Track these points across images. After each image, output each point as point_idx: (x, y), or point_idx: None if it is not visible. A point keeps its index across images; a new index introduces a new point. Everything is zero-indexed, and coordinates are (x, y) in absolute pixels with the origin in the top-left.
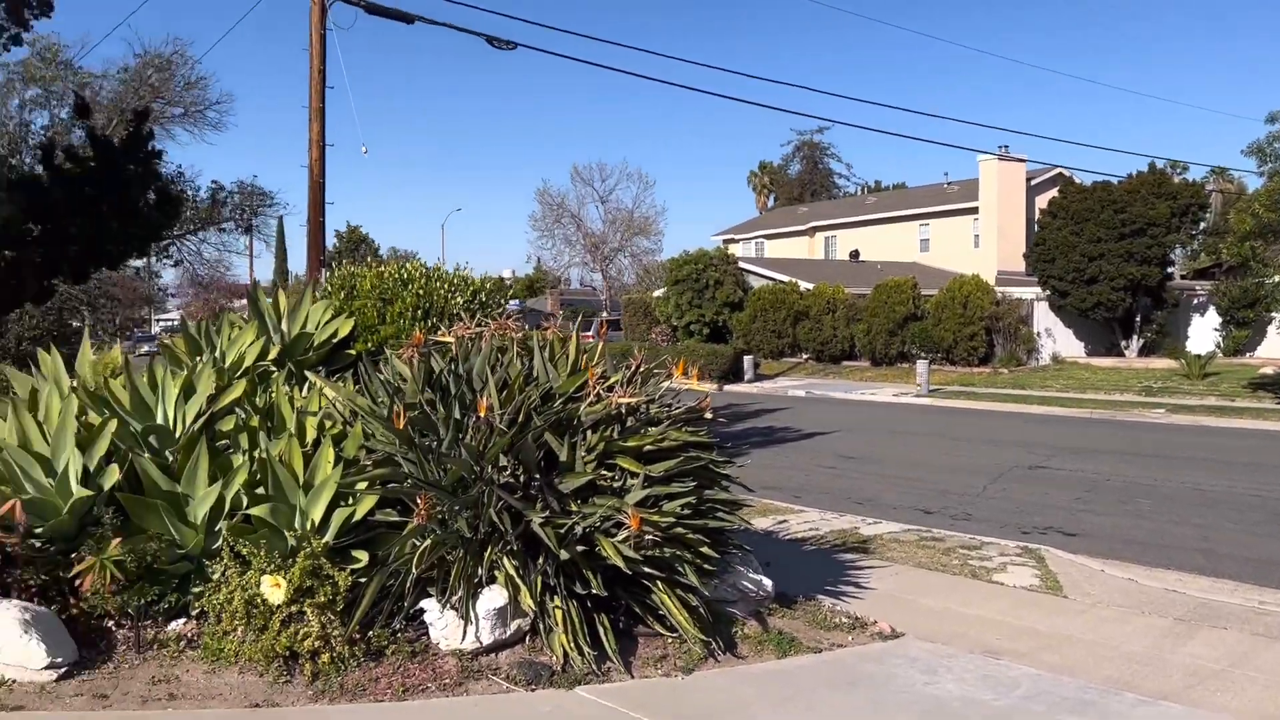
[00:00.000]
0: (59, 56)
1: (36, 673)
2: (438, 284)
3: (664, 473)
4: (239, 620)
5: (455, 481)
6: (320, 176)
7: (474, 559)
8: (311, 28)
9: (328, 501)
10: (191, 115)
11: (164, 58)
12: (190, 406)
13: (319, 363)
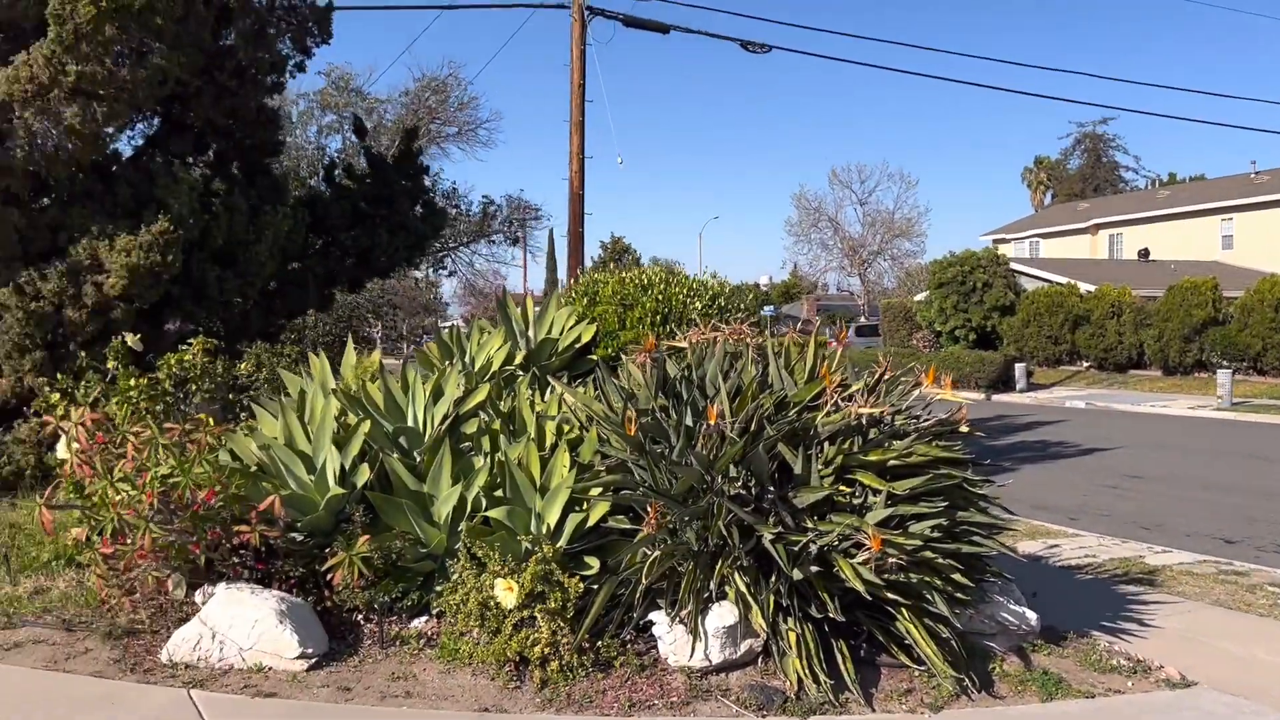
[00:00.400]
0: (350, 85)
1: (289, 662)
2: (676, 289)
3: (909, 491)
4: (473, 622)
5: (685, 491)
6: (579, 188)
7: (703, 573)
8: (572, 44)
9: (562, 506)
10: (464, 134)
11: (440, 80)
12: (438, 409)
13: (562, 368)
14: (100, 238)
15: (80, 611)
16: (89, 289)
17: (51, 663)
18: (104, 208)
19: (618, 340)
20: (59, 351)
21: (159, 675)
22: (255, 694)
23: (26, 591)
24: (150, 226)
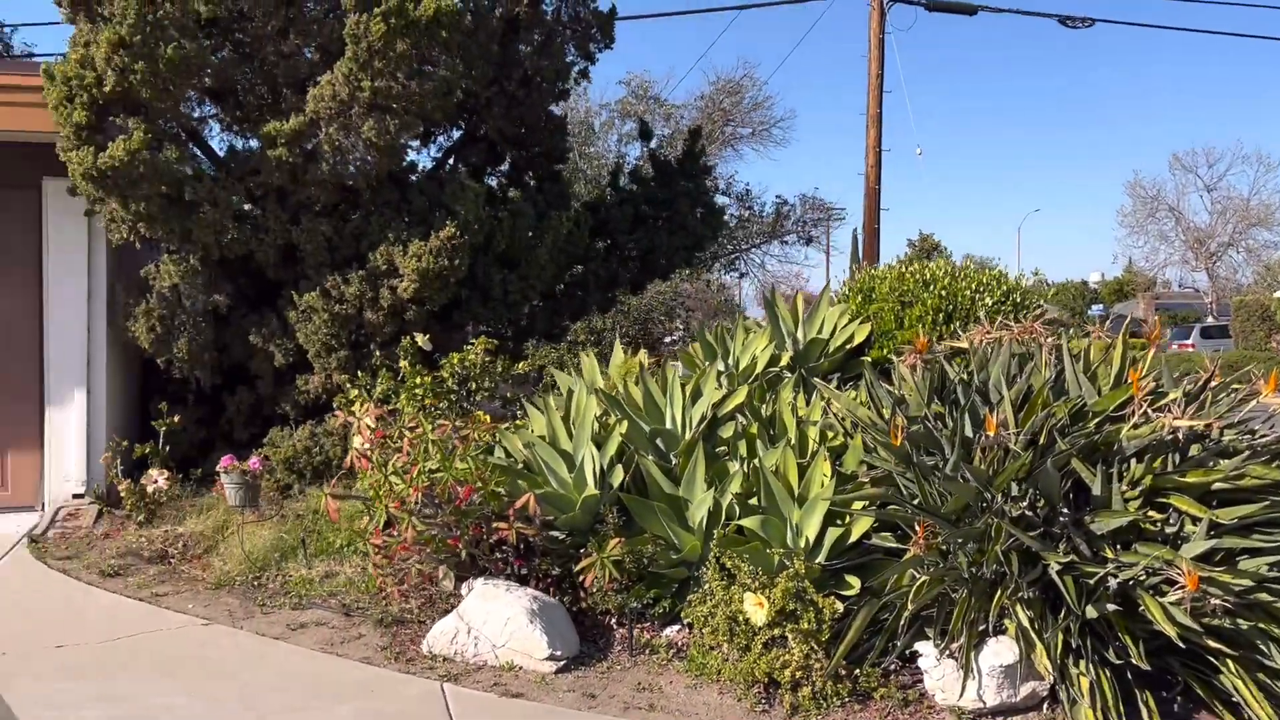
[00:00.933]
0: (648, 93)
1: (538, 662)
2: (962, 284)
3: (1238, 520)
4: (722, 636)
5: (959, 509)
6: (876, 183)
7: (979, 602)
8: (870, 34)
9: (820, 519)
10: (757, 134)
11: (734, 82)
12: (695, 411)
13: (831, 370)
14: (395, 244)
15: (360, 597)
16: (385, 292)
17: (328, 645)
18: (400, 216)
19: (894, 340)
20: (360, 351)
21: (418, 666)
22: (503, 693)
23: (318, 575)
24: (438, 232)
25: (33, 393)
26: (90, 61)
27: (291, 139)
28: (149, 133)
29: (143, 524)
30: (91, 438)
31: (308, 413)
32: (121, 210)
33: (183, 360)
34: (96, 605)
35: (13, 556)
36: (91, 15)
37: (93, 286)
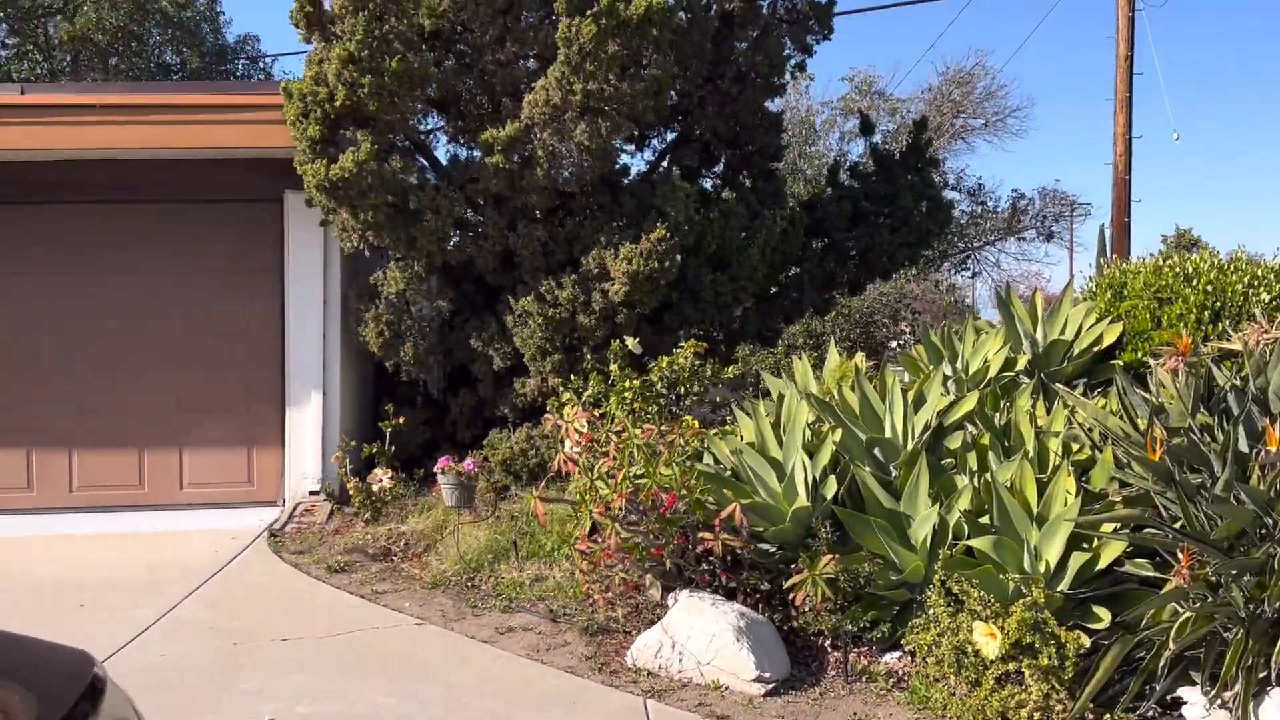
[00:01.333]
0: (872, 88)
1: (746, 683)
2: (1233, 278)
3: None
4: (948, 668)
5: (1231, 535)
6: (1125, 172)
7: (1258, 645)
8: (1118, 12)
9: (1063, 542)
10: (991, 125)
11: (965, 72)
12: (918, 419)
13: (1076, 375)
14: (607, 247)
15: (567, 602)
16: (596, 296)
17: (534, 651)
18: (611, 220)
19: (1149, 342)
20: (573, 354)
21: (622, 679)
22: (707, 714)
23: (529, 578)
24: (649, 234)
25: (275, 394)
26: (323, 78)
27: (507, 145)
28: (376, 144)
29: (369, 521)
30: (326, 437)
31: (524, 415)
32: (351, 220)
33: (409, 363)
34: (320, 600)
35: (254, 549)
36: (325, 35)
37: (327, 293)
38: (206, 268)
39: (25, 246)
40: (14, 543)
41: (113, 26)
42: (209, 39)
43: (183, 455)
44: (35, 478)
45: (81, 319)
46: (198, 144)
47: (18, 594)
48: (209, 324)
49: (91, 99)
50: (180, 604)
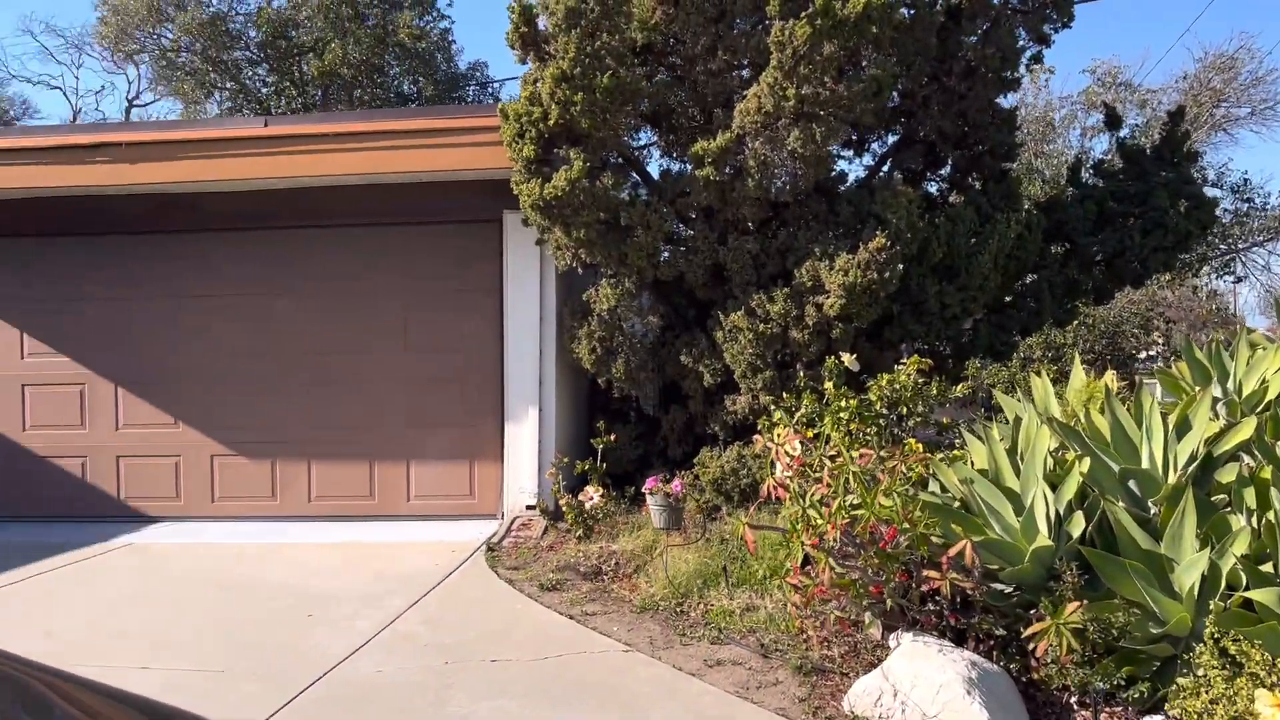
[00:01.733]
0: (1118, 79)
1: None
2: None
3: None
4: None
5: None
6: None
7: None
8: None
9: None
10: (1258, 114)
11: (1227, 56)
12: (1181, 448)
13: None
14: (821, 259)
15: (779, 636)
16: (810, 310)
17: (742, 688)
18: (827, 229)
19: None
20: (785, 371)
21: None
22: None
23: (739, 607)
24: (867, 244)
25: (495, 409)
26: (537, 98)
27: (718, 157)
28: (588, 162)
29: (581, 539)
30: (542, 453)
31: (735, 433)
32: (564, 237)
33: (620, 380)
34: (531, 620)
35: (472, 563)
36: (540, 55)
37: (543, 311)
38: (431, 288)
39: (269, 268)
40: (257, 548)
41: (356, 60)
42: (442, 68)
43: (410, 468)
44: (279, 487)
45: (321, 337)
46: (421, 167)
47: (254, 600)
48: (434, 341)
49: (323, 128)
50: (399, 617)
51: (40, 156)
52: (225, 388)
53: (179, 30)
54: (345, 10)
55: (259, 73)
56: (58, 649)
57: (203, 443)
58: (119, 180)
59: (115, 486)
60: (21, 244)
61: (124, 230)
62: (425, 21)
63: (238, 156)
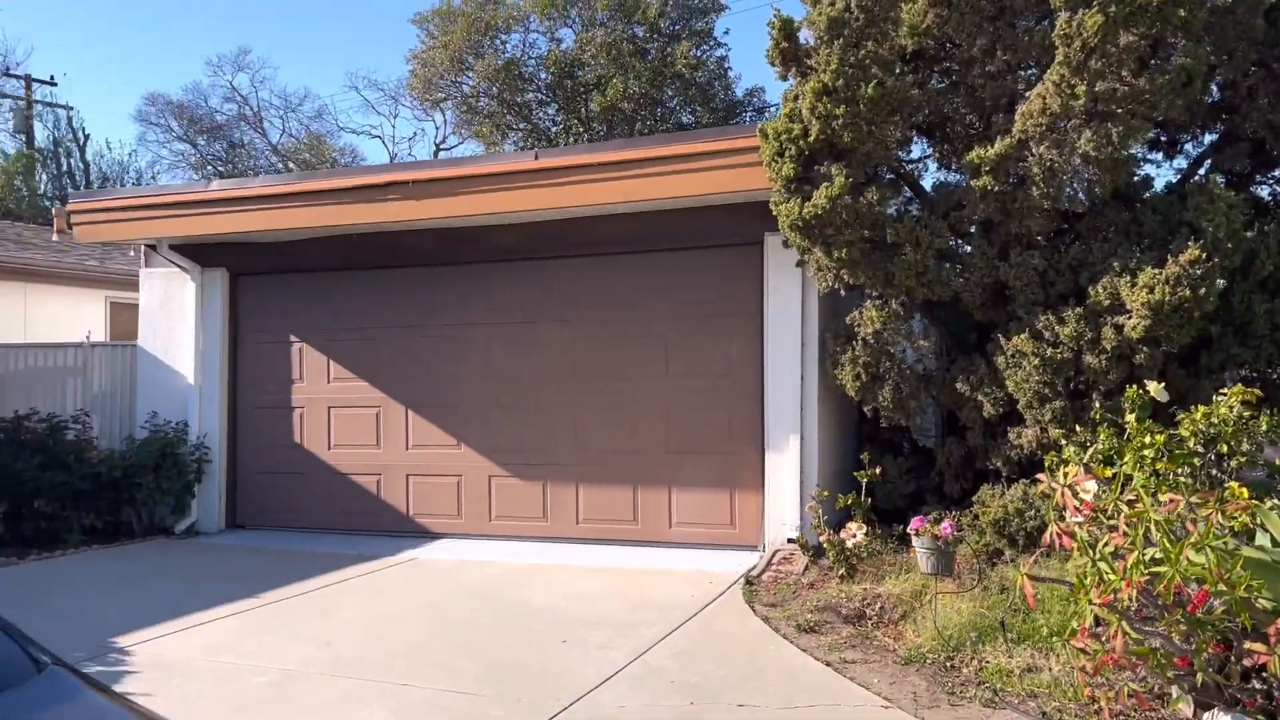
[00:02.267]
0: None
1: None
2: None
3: None
4: None
5: None
6: None
7: None
8: None
9: None
10: None
11: None
12: None
13: None
14: (1121, 274)
15: (1065, 705)
16: (1107, 332)
17: None
18: (1127, 241)
19: None
20: (1079, 401)
21: None
22: None
23: (1019, 666)
24: (1176, 257)
25: (755, 437)
26: (797, 114)
27: (996, 165)
28: (850, 178)
29: (844, 578)
30: (804, 484)
31: (1020, 469)
32: (825, 258)
33: (887, 408)
34: (784, 663)
35: (728, 597)
36: (801, 70)
37: (805, 335)
38: (690, 312)
39: (538, 297)
40: (525, 569)
41: (636, 94)
42: (720, 95)
43: (671, 494)
44: (549, 509)
45: (588, 363)
46: (680, 192)
47: (515, 621)
48: (693, 367)
49: (586, 159)
50: (651, 649)
51: (341, 197)
52: (502, 411)
53: (478, 77)
54: (626, 46)
55: (548, 112)
56: (333, 658)
57: (481, 464)
58: (407, 216)
59: (405, 503)
60: (327, 277)
61: (414, 263)
62: (702, 51)
63: (511, 190)
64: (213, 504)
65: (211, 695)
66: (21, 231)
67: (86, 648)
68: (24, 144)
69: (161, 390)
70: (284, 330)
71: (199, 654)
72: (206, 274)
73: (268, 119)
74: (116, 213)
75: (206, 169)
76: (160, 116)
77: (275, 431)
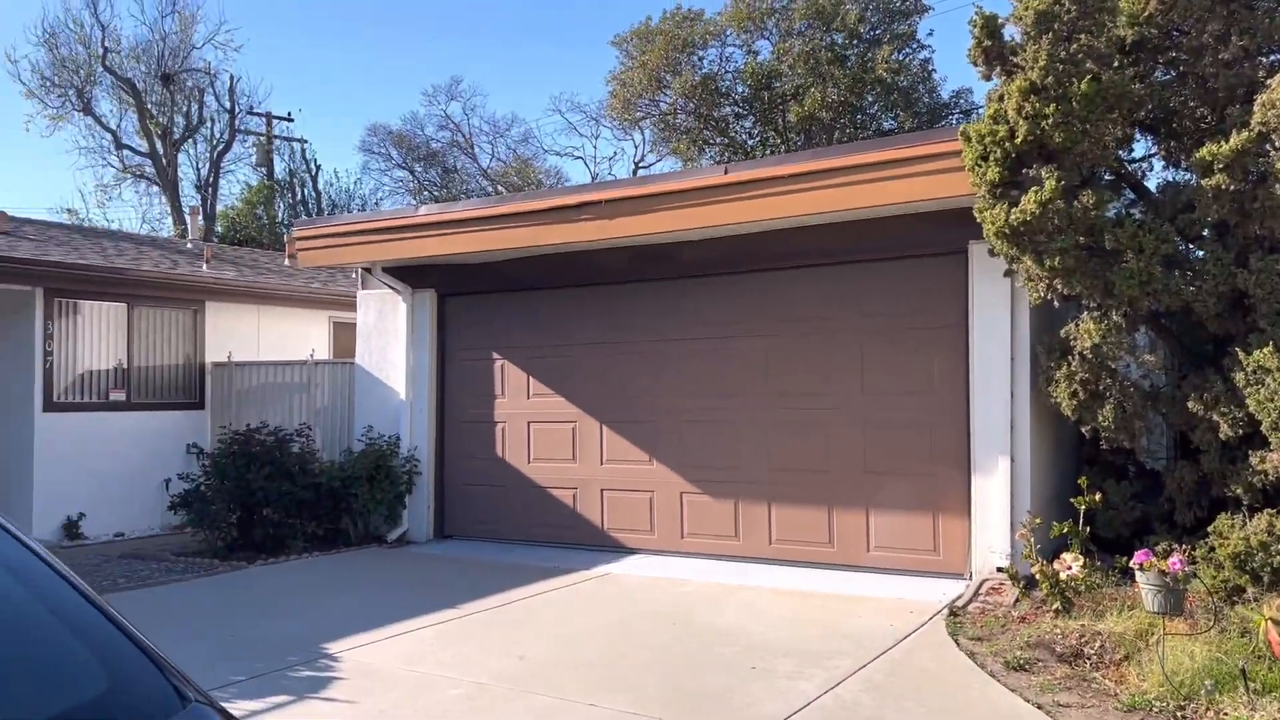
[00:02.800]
0: None
1: None
2: None
3: None
4: None
5: None
6: None
7: None
8: None
9: None
10: None
11: None
12: None
13: None
14: None
15: None
16: None
17: None
18: None
19: None
20: None
21: None
22: None
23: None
24: None
25: (960, 458)
26: (1002, 115)
27: (1232, 161)
28: (1062, 180)
29: (1059, 612)
30: (1014, 509)
31: (1265, 497)
32: (1035, 267)
33: (1108, 429)
34: (990, 704)
35: (930, 628)
36: (1007, 68)
37: (1015, 350)
38: (888, 326)
39: (730, 312)
40: (716, 589)
41: (834, 102)
42: (924, 99)
43: (869, 516)
44: (741, 528)
45: (781, 378)
46: (875, 202)
47: (703, 643)
48: (891, 383)
49: (776, 170)
50: (842, 683)
51: (537, 218)
52: (693, 427)
53: (675, 94)
54: (824, 55)
55: (745, 125)
56: (524, 673)
57: (673, 480)
58: (600, 235)
59: (600, 517)
60: (527, 295)
61: (608, 281)
62: (904, 54)
63: (701, 205)
64: (422, 514)
65: (408, 706)
66: (258, 257)
67: (300, 653)
68: (265, 176)
69: (376, 405)
70: (487, 347)
71: (400, 663)
72: (416, 295)
73: (478, 144)
74: (332, 239)
75: (423, 194)
76: (381, 146)
77: (479, 445)
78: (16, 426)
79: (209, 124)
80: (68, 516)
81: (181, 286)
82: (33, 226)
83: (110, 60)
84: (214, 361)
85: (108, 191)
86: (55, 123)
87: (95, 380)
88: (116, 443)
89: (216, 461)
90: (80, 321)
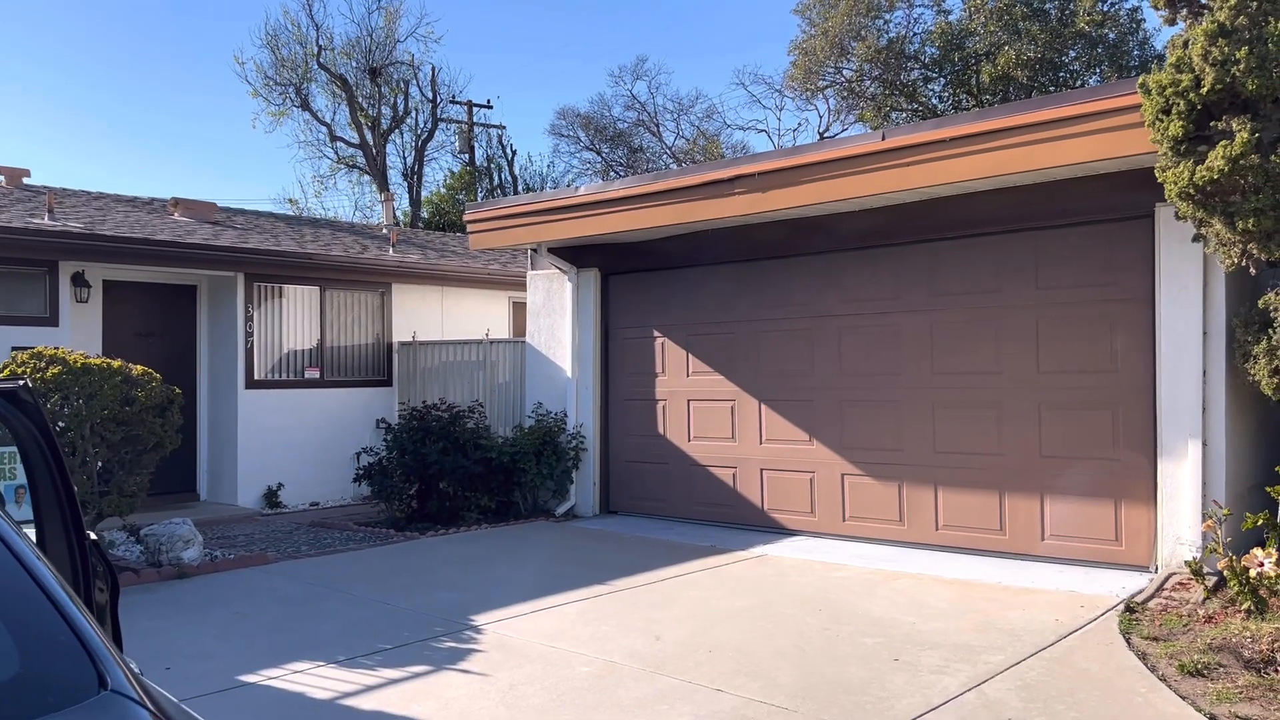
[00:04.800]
0: None
1: None
2: None
3: None
4: None
5: None
6: None
7: None
8: None
9: None
10: None
11: None
12: None
13: None
14: None
15: None
16: None
17: None
18: None
19: None
20: None
21: None
22: None
23: None
24: None
25: (1145, 441)
26: (1186, 63)
27: None
28: (1256, 133)
29: (1251, 613)
30: (1206, 497)
31: None
32: (1226, 230)
33: None
34: (1154, 710)
35: (1099, 624)
36: (1193, 9)
37: (1208, 323)
38: (1065, 298)
39: (891, 285)
40: (872, 575)
41: (1032, 59)
42: (1135, 52)
43: (1044, 503)
44: (905, 512)
45: (947, 355)
46: (1044, 164)
47: (847, 631)
48: (1069, 361)
49: (937, 134)
50: (990, 680)
51: (689, 194)
52: (854, 407)
53: (859, 60)
54: (1020, 10)
55: (934, 88)
56: (657, 654)
57: (834, 461)
58: (755, 209)
59: (759, 497)
60: (686, 273)
61: (765, 256)
62: (1109, 5)
63: (856, 174)
64: (588, 489)
65: (538, 682)
66: (447, 241)
67: (447, 624)
68: (466, 162)
69: (545, 382)
70: (648, 326)
71: (539, 638)
72: (581, 274)
73: (663, 123)
74: (499, 221)
75: (610, 175)
76: (570, 129)
77: (641, 422)
78: (224, 402)
79: (413, 114)
80: (268, 486)
81: (368, 270)
82: (243, 217)
83: (324, 58)
84: (400, 340)
85: (324, 182)
86: (277, 119)
87: (292, 359)
88: (312, 418)
89: (396, 436)
90: (277, 304)
